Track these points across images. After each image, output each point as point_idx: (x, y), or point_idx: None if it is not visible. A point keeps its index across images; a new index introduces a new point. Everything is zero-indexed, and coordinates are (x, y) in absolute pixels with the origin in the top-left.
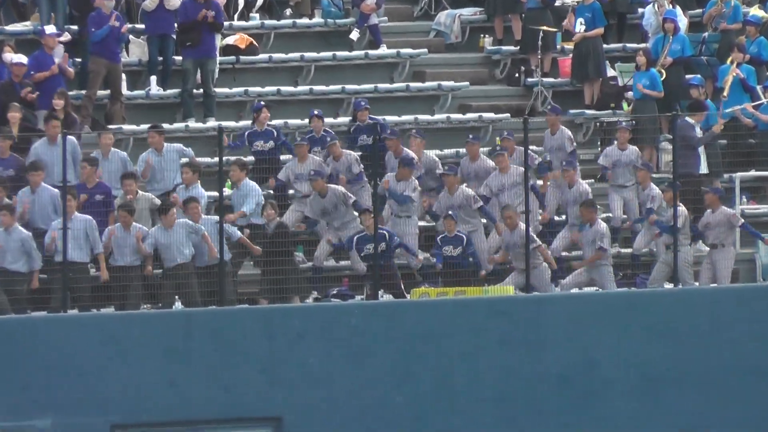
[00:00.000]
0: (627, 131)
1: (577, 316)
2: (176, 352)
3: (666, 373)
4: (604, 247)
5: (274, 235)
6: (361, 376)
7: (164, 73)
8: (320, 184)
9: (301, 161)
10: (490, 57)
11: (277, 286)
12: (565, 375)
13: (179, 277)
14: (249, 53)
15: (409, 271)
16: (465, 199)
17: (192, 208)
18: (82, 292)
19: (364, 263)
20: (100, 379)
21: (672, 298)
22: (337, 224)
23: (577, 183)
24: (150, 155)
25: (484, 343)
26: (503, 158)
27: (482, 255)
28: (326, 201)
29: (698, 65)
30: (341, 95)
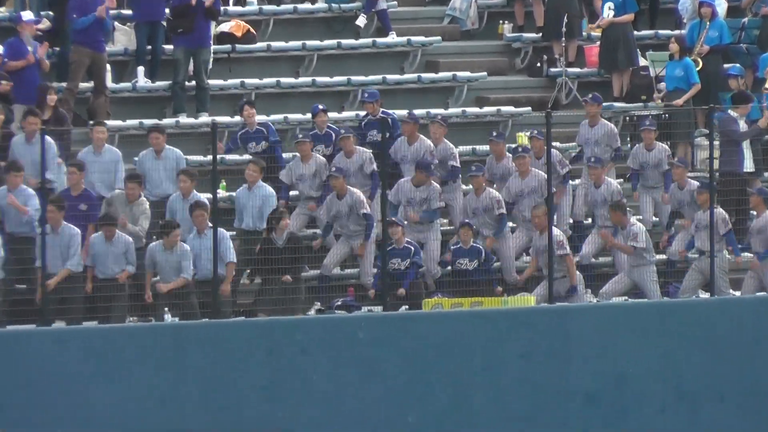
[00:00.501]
0: (652, 131)
1: (605, 327)
2: (168, 368)
3: (704, 388)
4: (637, 246)
5: (285, 250)
6: (369, 394)
7: (153, 64)
8: (341, 183)
9: (305, 161)
10: (510, 45)
11: (283, 299)
12: (594, 391)
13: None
14: (246, 41)
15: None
16: (490, 202)
17: (198, 216)
18: (68, 304)
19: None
20: (84, 397)
21: (710, 308)
22: (348, 231)
23: (605, 182)
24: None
25: (505, 357)
26: (524, 161)
27: (507, 262)
28: (342, 204)
29: (737, 54)
30: (347, 87)
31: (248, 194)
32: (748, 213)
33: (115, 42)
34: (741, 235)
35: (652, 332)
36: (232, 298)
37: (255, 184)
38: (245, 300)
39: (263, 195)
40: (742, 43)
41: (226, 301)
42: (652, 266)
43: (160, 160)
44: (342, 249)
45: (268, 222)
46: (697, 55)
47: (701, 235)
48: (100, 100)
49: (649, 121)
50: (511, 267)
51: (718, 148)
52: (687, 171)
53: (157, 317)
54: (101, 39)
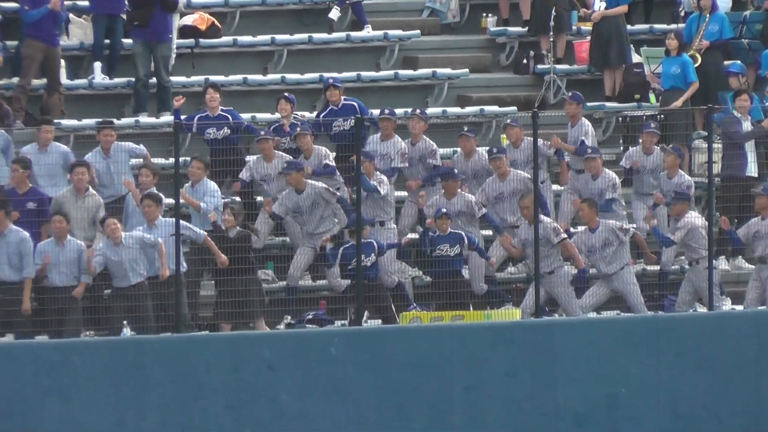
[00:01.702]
0: (654, 135)
1: (596, 343)
2: (126, 386)
3: (701, 409)
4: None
5: (235, 249)
6: (341, 414)
7: (111, 59)
8: (296, 177)
9: (268, 160)
10: (494, 40)
11: (239, 309)
12: (583, 412)
13: (131, 298)
14: (210, 35)
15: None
16: (466, 205)
17: (146, 206)
18: (17, 317)
19: (345, 280)
20: (36, 416)
21: (708, 323)
22: (311, 228)
23: (603, 173)
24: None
25: (488, 375)
26: (500, 163)
27: (477, 271)
28: (302, 198)
29: (738, 50)
30: (318, 85)
31: (191, 192)
32: (750, 219)
33: (70, 36)
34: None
35: (646, 349)
36: (193, 311)
37: (199, 182)
38: (206, 313)
39: (206, 188)
40: (743, 38)
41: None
42: (630, 268)
43: (108, 158)
44: (306, 255)
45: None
46: (695, 50)
47: (690, 245)
48: (54, 98)
49: (654, 124)
50: (481, 277)
51: (718, 151)
52: (679, 160)
53: (114, 331)
54: (55, 32)
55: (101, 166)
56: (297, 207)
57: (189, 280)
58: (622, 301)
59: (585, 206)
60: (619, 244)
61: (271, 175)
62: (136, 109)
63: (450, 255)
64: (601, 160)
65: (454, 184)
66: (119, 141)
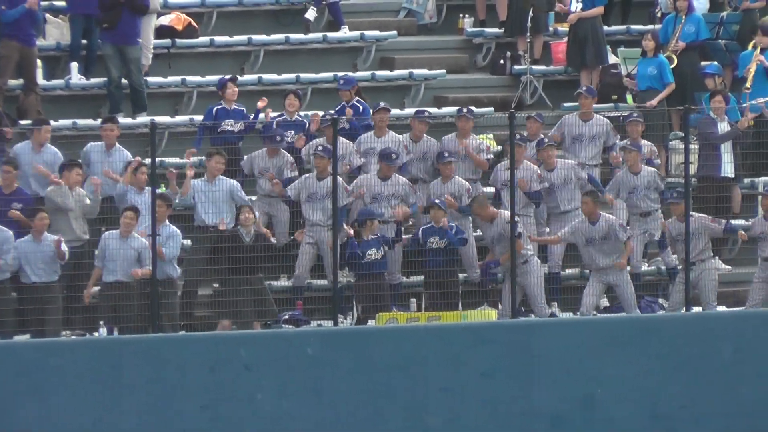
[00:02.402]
0: (639, 124)
1: (573, 344)
2: (104, 386)
3: (680, 411)
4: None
5: (254, 249)
6: (317, 415)
7: (88, 60)
8: (325, 163)
9: (271, 155)
10: (471, 41)
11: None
12: (561, 414)
13: (116, 298)
14: (187, 36)
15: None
16: (458, 189)
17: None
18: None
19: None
20: (14, 416)
21: (687, 324)
22: (320, 220)
23: (642, 170)
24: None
25: (465, 376)
26: (449, 167)
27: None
28: (321, 186)
29: (715, 51)
30: (295, 85)
31: (209, 187)
32: (727, 220)
33: (47, 36)
34: (726, 243)
35: (624, 350)
36: (189, 310)
37: (216, 177)
38: (202, 312)
39: (228, 188)
40: (720, 39)
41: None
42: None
43: (109, 155)
44: (309, 253)
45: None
46: (671, 51)
47: (678, 247)
48: (30, 99)
49: (637, 113)
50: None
51: (695, 151)
52: (640, 156)
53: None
54: (32, 32)
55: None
56: (313, 194)
57: (189, 280)
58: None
59: (589, 200)
60: (616, 239)
61: (268, 169)
62: (112, 110)
63: (441, 247)
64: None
65: (452, 168)
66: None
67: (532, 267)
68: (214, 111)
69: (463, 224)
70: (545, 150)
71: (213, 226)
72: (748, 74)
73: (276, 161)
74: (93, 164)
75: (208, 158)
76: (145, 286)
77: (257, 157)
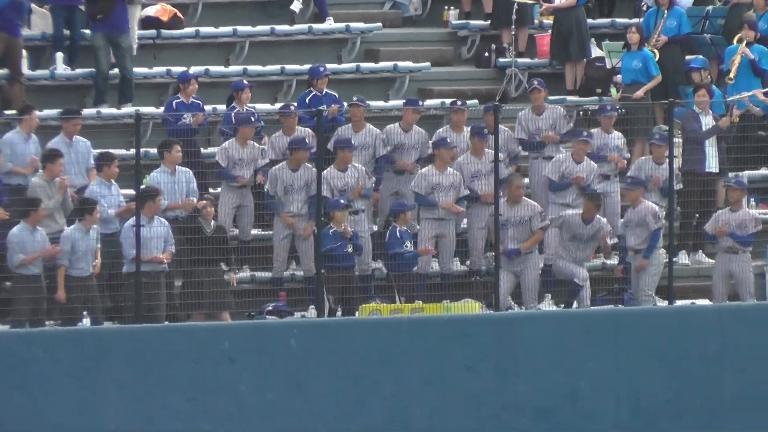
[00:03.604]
0: (611, 118)
1: (557, 337)
2: (86, 377)
3: (662, 405)
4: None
5: (214, 240)
6: (301, 406)
7: (72, 50)
8: (305, 155)
9: (243, 144)
10: (456, 33)
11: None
12: (543, 407)
13: (91, 288)
14: (172, 27)
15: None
16: (455, 180)
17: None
18: None
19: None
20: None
21: (670, 318)
22: (296, 208)
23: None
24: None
25: (447, 368)
26: (588, 145)
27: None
28: (296, 177)
29: (701, 44)
30: (280, 77)
31: (170, 178)
32: (710, 214)
33: (32, 26)
34: (702, 237)
35: (608, 343)
36: (169, 301)
37: (176, 167)
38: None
39: (187, 179)
40: (706, 33)
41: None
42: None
43: (72, 147)
44: (286, 244)
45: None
46: (653, 46)
47: (636, 232)
48: (15, 88)
49: (610, 107)
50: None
51: (679, 145)
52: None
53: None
54: (17, 22)
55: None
56: (289, 186)
57: (171, 270)
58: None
59: (592, 206)
60: (599, 239)
61: (244, 160)
62: (98, 100)
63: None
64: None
65: (447, 151)
66: (82, 132)
67: (534, 259)
68: (174, 104)
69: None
70: (578, 143)
71: (174, 217)
72: (733, 67)
73: (248, 151)
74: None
75: (167, 149)
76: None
77: (230, 149)
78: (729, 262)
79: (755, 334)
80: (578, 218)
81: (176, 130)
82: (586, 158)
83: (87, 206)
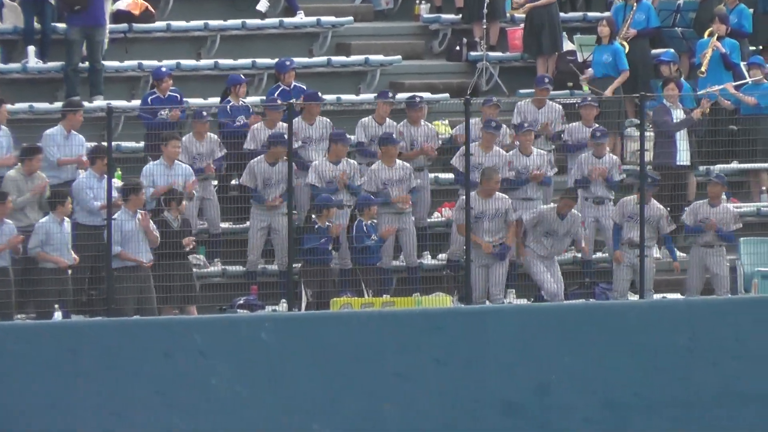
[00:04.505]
0: (593, 108)
1: (527, 331)
2: (59, 371)
3: (633, 398)
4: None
5: (180, 234)
6: (272, 401)
7: (44, 44)
8: (282, 150)
9: (199, 138)
10: (427, 27)
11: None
12: (514, 400)
13: (65, 281)
14: (143, 20)
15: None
16: (404, 173)
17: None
18: None
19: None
20: None
21: (641, 312)
22: (272, 207)
23: (606, 156)
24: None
25: (418, 362)
26: (390, 149)
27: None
28: (275, 171)
29: (672, 38)
30: (252, 71)
31: (167, 171)
32: (682, 208)
33: (4, 20)
34: (677, 231)
35: (578, 337)
36: (139, 294)
37: (174, 161)
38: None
39: (185, 173)
40: (677, 26)
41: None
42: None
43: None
44: (262, 239)
45: (164, 202)
46: (623, 39)
47: (633, 226)
48: None
49: (591, 97)
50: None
51: (650, 139)
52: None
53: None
54: None
55: (62, 144)
56: (267, 180)
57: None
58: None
59: (570, 202)
60: (575, 234)
61: (204, 154)
62: (68, 93)
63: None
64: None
65: (393, 148)
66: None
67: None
68: (149, 100)
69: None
70: (524, 135)
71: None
72: (704, 60)
73: (205, 144)
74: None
75: (165, 142)
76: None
77: (188, 144)
78: (705, 256)
79: (726, 328)
80: (554, 213)
81: (154, 125)
82: (535, 149)
83: (59, 197)
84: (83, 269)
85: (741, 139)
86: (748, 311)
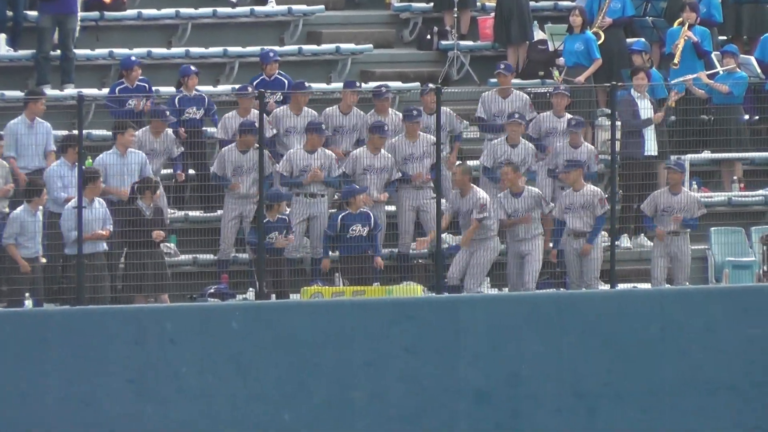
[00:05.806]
0: (564, 97)
1: (498, 320)
2: (28, 359)
3: (602, 387)
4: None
5: (153, 224)
6: (242, 389)
7: (15, 32)
8: (253, 138)
9: (156, 136)
10: (398, 15)
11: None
12: (484, 389)
13: (37, 270)
14: (114, 8)
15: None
16: (388, 163)
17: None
18: None
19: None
20: None
21: (611, 301)
22: (243, 194)
23: (583, 146)
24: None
25: (389, 351)
26: (520, 127)
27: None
28: (246, 159)
29: (642, 27)
30: (223, 59)
31: (120, 160)
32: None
33: None
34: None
35: (548, 327)
36: (112, 283)
37: (128, 149)
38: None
39: (140, 161)
40: (648, 16)
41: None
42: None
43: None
44: (235, 228)
45: (137, 190)
46: (598, 28)
47: (580, 215)
48: None
49: (563, 86)
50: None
51: (621, 128)
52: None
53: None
54: None
55: (24, 134)
56: (239, 167)
57: (113, 252)
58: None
59: (509, 170)
60: (537, 213)
61: (157, 150)
62: (39, 81)
63: (363, 235)
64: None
65: (380, 139)
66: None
67: (490, 245)
68: (117, 90)
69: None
70: (512, 125)
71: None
72: (676, 50)
73: (161, 142)
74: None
75: (121, 131)
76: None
77: (143, 140)
78: (669, 244)
79: (696, 317)
80: (509, 194)
81: (121, 114)
82: (522, 140)
83: (35, 188)
84: (56, 257)
85: (713, 129)
86: (719, 301)
